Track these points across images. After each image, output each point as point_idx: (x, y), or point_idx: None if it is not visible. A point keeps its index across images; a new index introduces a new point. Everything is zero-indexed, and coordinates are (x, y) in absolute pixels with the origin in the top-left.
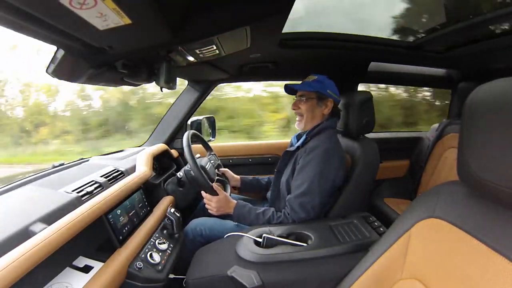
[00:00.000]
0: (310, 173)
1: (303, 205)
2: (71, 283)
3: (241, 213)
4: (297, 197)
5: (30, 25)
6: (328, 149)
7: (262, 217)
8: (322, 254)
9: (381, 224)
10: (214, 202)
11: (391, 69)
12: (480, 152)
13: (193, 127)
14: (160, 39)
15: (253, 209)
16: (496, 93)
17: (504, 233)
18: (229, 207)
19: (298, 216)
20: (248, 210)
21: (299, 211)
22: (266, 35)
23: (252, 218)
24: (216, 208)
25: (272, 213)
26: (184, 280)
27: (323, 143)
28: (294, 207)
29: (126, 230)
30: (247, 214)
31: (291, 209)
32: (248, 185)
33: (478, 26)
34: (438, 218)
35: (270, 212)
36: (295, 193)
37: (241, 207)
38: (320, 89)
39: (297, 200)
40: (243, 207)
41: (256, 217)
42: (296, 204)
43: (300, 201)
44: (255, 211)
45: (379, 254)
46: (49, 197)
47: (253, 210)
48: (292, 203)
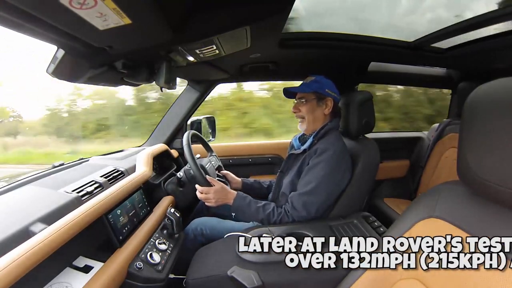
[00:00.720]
0: (319, 174)
1: (306, 204)
2: (71, 283)
3: (241, 204)
4: (301, 195)
5: (30, 25)
6: (338, 152)
7: (262, 212)
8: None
9: (381, 224)
10: (212, 194)
11: (391, 69)
12: (480, 152)
13: (193, 127)
14: (160, 39)
15: (254, 201)
16: (496, 93)
17: (504, 233)
18: (228, 198)
19: (298, 215)
20: (248, 202)
21: (300, 210)
22: (266, 35)
23: (252, 211)
24: (215, 199)
25: (272, 209)
26: (184, 280)
27: (333, 145)
28: (296, 205)
29: (126, 230)
30: (246, 207)
31: (292, 206)
32: (250, 187)
33: (478, 26)
34: (438, 218)
35: (270, 208)
36: (300, 191)
37: (241, 199)
38: (318, 89)
39: (301, 198)
40: (244, 198)
41: (256, 210)
42: (299, 203)
43: (304, 200)
44: (255, 204)
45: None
46: (49, 197)
47: (253, 203)
48: (295, 201)
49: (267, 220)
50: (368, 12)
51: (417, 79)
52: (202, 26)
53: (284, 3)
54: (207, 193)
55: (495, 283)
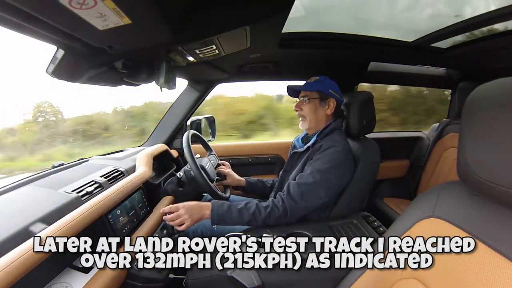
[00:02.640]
0: (323, 166)
1: (304, 194)
2: (71, 283)
3: (220, 213)
4: (301, 185)
5: (30, 25)
6: (343, 150)
7: (246, 212)
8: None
9: (381, 224)
10: (182, 210)
11: (391, 69)
12: (480, 152)
13: (192, 127)
14: (160, 39)
15: (233, 205)
16: (496, 93)
17: (504, 233)
18: (203, 209)
19: (294, 205)
20: (227, 208)
21: (298, 200)
22: (266, 35)
23: (234, 216)
24: (188, 214)
25: (256, 206)
26: (184, 280)
27: (338, 143)
28: (293, 194)
29: (126, 230)
30: (227, 213)
31: (287, 194)
32: (253, 186)
33: (478, 26)
34: (438, 217)
35: (254, 205)
36: (300, 180)
37: (218, 207)
38: (322, 89)
39: (300, 188)
40: (221, 206)
41: (238, 213)
42: (298, 192)
43: (303, 189)
44: (235, 207)
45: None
46: (49, 197)
47: (233, 207)
48: (292, 189)
49: (255, 221)
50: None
51: (417, 79)
52: (202, 26)
53: (284, 3)
54: (177, 210)
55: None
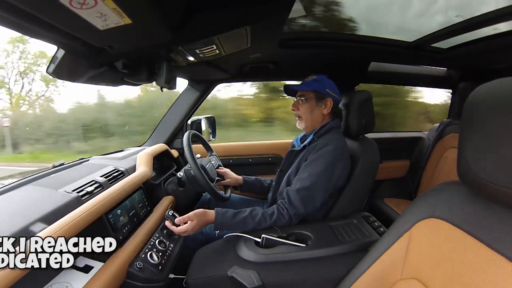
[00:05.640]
0: (318, 168)
1: (304, 199)
2: (71, 283)
3: (224, 220)
4: (299, 191)
5: (30, 25)
6: (338, 148)
7: (250, 220)
8: (322, 254)
9: (381, 224)
10: (194, 216)
11: (391, 69)
12: (480, 152)
13: (193, 127)
14: (160, 39)
15: (237, 213)
16: (496, 93)
17: (504, 233)
18: (207, 216)
19: (296, 211)
20: (232, 215)
21: (299, 206)
22: (266, 35)
23: (239, 223)
24: (197, 219)
25: (262, 214)
26: (184, 280)
27: (333, 141)
28: (294, 201)
29: (126, 230)
30: (231, 220)
31: (289, 202)
32: (250, 185)
33: (478, 26)
34: (438, 218)
35: (259, 213)
36: (297, 186)
37: (223, 214)
38: (319, 88)
39: (299, 194)
40: (225, 213)
41: (243, 221)
42: (298, 199)
43: (302, 195)
44: (240, 214)
45: (379, 254)
46: (49, 197)
47: (237, 214)
48: (292, 197)
49: (260, 227)
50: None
51: (417, 79)
52: (202, 26)
53: (284, 3)
54: (189, 219)
55: (495, 283)
